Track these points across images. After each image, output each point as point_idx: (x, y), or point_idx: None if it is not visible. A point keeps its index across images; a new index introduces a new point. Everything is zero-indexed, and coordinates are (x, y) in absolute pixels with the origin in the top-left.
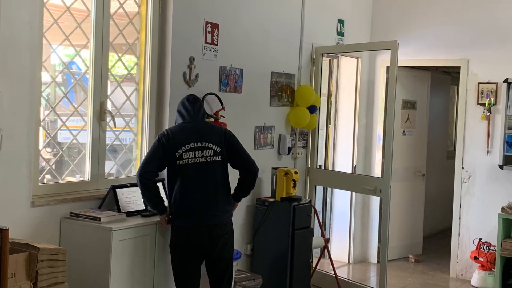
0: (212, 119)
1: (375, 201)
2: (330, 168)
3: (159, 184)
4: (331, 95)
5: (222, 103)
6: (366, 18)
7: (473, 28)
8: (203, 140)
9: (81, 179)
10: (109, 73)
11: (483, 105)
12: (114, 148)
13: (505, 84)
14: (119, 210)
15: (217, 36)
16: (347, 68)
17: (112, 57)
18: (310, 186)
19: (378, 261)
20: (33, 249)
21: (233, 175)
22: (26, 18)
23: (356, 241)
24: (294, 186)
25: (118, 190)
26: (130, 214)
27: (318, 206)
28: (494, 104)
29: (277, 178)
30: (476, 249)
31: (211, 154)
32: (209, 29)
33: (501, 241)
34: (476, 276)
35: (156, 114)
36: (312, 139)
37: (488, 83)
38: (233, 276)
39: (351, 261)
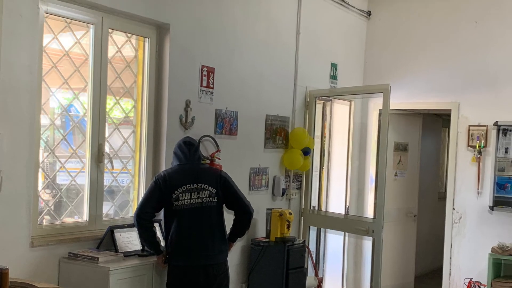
0: (208, 161)
1: (368, 241)
2: (323, 209)
3: (156, 225)
4: (325, 138)
5: (217, 146)
6: (358, 62)
7: (464, 72)
8: (199, 182)
9: (80, 220)
10: (106, 116)
11: (474, 147)
12: (111, 190)
13: (495, 127)
14: (116, 251)
15: (213, 79)
16: (340, 111)
17: (110, 100)
18: (304, 227)
19: None
20: None
21: (229, 216)
22: (25, 62)
23: (349, 281)
24: (288, 227)
25: (115, 231)
26: (127, 254)
27: (312, 247)
28: (484, 147)
29: (272, 219)
30: None
31: (207, 196)
32: (205, 73)
33: (491, 280)
34: None
35: (153, 157)
36: (306, 181)
37: (478, 126)
38: None
39: None
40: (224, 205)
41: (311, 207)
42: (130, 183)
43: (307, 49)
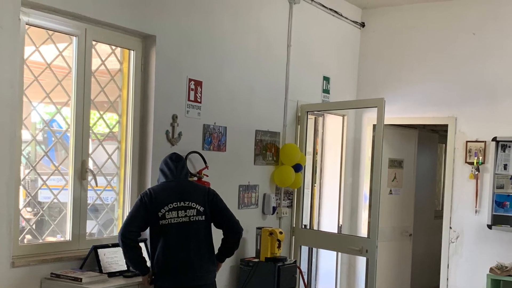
0: (195, 178)
1: (362, 261)
2: (315, 228)
3: (142, 244)
4: (317, 154)
5: (205, 162)
6: (352, 75)
7: (461, 86)
8: (186, 200)
9: (62, 239)
10: (90, 131)
11: (471, 163)
12: (95, 208)
13: (494, 143)
14: (100, 271)
15: (201, 93)
16: (333, 126)
17: (94, 115)
18: (295, 246)
19: None
20: None
21: (217, 235)
22: (6, 76)
23: None
24: (279, 246)
25: (99, 250)
26: (112, 274)
27: (303, 266)
28: (482, 163)
29: (262, 238)
30: None
31: (194, 214)
32: (192, 86)
33: None
34: None
35: (138, 173)
36: (297, 199)
37: (476, 141)
38: None
39: None
40: (212, 223)
41: (303, 226)
42: (114, 200)
43: (299, 62)
